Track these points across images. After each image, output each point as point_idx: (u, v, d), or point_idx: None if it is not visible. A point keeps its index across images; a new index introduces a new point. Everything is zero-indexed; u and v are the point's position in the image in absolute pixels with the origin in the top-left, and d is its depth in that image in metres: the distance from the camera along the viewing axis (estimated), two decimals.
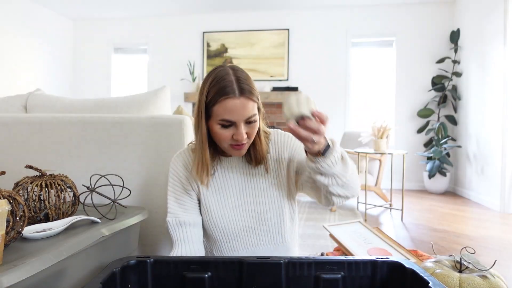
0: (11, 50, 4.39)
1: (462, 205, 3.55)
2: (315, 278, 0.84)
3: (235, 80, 0.86)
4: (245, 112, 0.86)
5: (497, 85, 3.41)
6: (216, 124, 0.88)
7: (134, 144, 1.32)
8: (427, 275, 0.76)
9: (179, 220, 0.99)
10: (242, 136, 0.87)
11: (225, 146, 0.92)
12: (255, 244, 1.04)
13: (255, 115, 0.89)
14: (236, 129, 0.88)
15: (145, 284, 0.84)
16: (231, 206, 1.01)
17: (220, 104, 0.85)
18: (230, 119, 0.86)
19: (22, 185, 0.98)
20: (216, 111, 0.87)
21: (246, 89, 0.86)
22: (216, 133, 0.90)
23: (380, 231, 1.43)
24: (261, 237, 1.04)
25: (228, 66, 0.91)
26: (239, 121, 0.87)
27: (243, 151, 0.93)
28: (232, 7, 4.86)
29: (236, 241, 1.03)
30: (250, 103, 0.87)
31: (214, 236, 1.03)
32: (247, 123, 0.89)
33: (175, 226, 0.99)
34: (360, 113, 4.87)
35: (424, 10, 4.59)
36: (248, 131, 0.90)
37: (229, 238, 1.02)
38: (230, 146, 0.91)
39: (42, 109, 1.60)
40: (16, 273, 0.64)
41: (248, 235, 1.03)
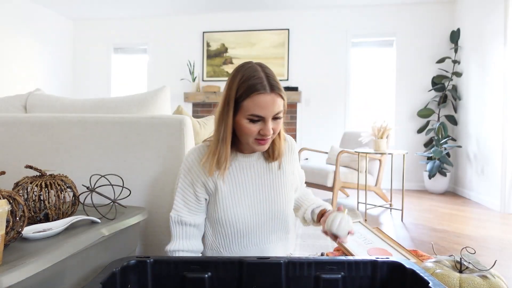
0: (11, 50, 4.39)
1: (462, 205, 3.55)
2: (315, 278, 0.84)
3: (265, 77, 0.91)
4: (274, 108, 0.90)
5: (497, 85, 3.41)
6: (244, 119, 0.91)
7: (134, 144, 1.32)
8: (427, 275, 0.76)
9: (182, 219, 1.00)
10: (269, 131, 0.91)
11: (250, 140, 0.94)
12: (265, 242, 1.05)
13: (282, 111, 0.93)
14: (264, 124, 0.91)
15: (145, 284, 0.84)
16: (247, 203, 1.02)
17: (251, 99, 0.89)
18: (260, 114, 0.89)
19: (22, 185, 0.98)
20: (246, 106, 0.90)
21: (276, 86, 0.91)
22: (243, 127, 0.92)
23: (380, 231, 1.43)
24: (271, 234, 1.06)
25: (255, 63, 0.97)
26: (267, 117, 0.90)
27: (267, 146, 0.96)
28: (232, 7, 4.86)
29: (246, 238, 1.03)
30: (279, 99, 0.91)
31: (225, 232, 1.03)
32: (274, 119, 0.93)
33: (176, 223, 1.01)
34: (360, 113, 4.87)
35: (424, 10, 4.59)
36: (274, 127, 0.93)
37: (240, 234, 1.02)
38: (255, 140, 0.94)
39: (42, 109, 1.60)
40: (16, 273, 0.64)
41: (260, 232, 1.04)
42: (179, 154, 1.30)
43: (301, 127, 4.85)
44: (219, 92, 4.84)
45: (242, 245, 1.03)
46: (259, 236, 1.04)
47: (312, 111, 4.84)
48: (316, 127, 4.84)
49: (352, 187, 3.29)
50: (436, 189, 4.24)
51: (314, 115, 4.84)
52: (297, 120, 4.84)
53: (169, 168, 1.31)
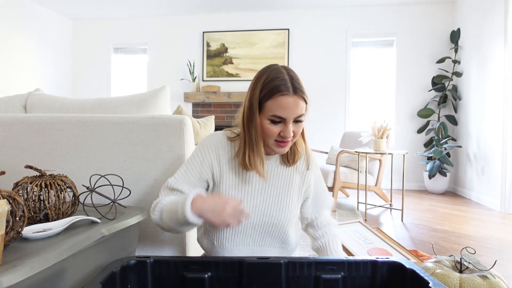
0: (10, 50, 4.39)
1: (462, 205, 3.55)
2: (315, 278, 0.84)
3: (289, 79, 0.91)
4: (297, 110, 0.91)
5: (498, 85, 3.41)
6: (266, 119, 0.92)
7: (134, 144, 1.32)
8: (427, 275, 0.76)
9: (176, 186, 0.99)
10: (289, 133, 0.91)
11: (270, 141, 0.95)
12: (257, 245, 1.04)
13: (303, 115, 0.94)
14: (284, 126, 0.92)
15: (145, 284, 0.84)
16: (249, 202, 1.01)
17: (274, 100, 0.90)
18: (281, 115, 0.90)
19: (21, 185, 0.98)
20: (269, 107, 0.91)
21: (299, 89, 0.91)
22: (264, 128, 0.93)
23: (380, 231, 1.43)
24: (265, 239, 1.04)
25: (280, 66, 0.96)
26: (289, 118, 0.91)
27: (286, 148, 0.96)
28: (232, 7, 4.85)
29: (238, 236, 1.02)
30: (302, 102, 0.92)
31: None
32: (295, 121, 0.93)
33: (168, 188, 0.99)
34: (360, 113, 4.87)
35: (424, 10, 4.59)
36: (294, 130, 0.93)
37: (233, 231, 1.02)
38: (275, 142, 0.94)
39: (41, 109, 1.60)
40: (16, 273, 0.64)
41: (253, 234, 1.03)
42: (179, 154, 1.30)
43: None
44: (219, 92, 4.84)
45: (233, 242, 1.02)
46: (251, 238, 1.03)
47: (312, 111, 4.83)
48: (316, 127, 4.83)
49: (352, 187, 3.29)
50: (436, 189, 4.24)
51: (314, 115, 4.84)
52: None
53: (169, 168, 1.31)
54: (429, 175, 4.15)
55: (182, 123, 1.30)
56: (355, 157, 3.37)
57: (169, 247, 1.34)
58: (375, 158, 3.36)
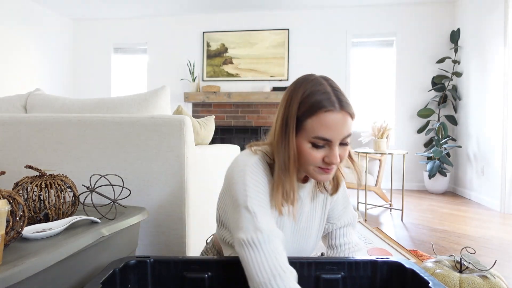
0: (11, 50, 4.39)
1: (462, 205, 3.55)
2: (315, 278, 0.84)
3: (332, 92, 0.77)
4: (344, 129, 0.76)
5: (498, 85, 3.41)
6: (306, 142, 0.77)
7: (134, 144, 1.32)
8: (427, 275, 0.76)
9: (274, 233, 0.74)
10: (336, 159, 0.76)
11: (311, 168, 0.79)
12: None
13: (350, 135, 0.80)
14: (330, 149, 0.77)
15: (145, 284, 0.84)
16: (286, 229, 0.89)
17: (318, 118, 0.74)
18: (327, 137, 0.75)
19: (22, 185, 0.98)
20: (311, 126, 0.75)
21: (346, 102, 0.77)
22: (305, 152, 0.77)
23: (380, 231, 1.43)
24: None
25: (319, 76, 0.81)
26: (335, 140, 0.76)
27: (331, 175, 0.80)
28: (232, 7, 4.85)
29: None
30: (350, 119, 0.78)
31: None
32: (341, 144, 0.78)
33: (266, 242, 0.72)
34: (360, 113, 4.87)
35: (424, 10, 4.59)
36: (340, 154, 0.78)
37: None
38: (318, 168, 0.79)
39: (41, 109, 1.60)
40: (16, 273, 0.64)
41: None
42: (179, 154, 1.30)
43: None
44: (219, 92, 4.84)
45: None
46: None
47: None
48: None
49: (352, 187, 3.29)
50: (436, 189, 4.24)
51: None
52: None
53: (169, 168, 1.31)
54: (429, 175, 4.15)
55: (182, 123, 1.30)
56: (355, 157, 3.37)
57: (169, 247, 1.34)
58: (375, 158, 3.36)
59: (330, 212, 1.00)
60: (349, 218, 1.00)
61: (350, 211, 1.02)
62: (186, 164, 1.30)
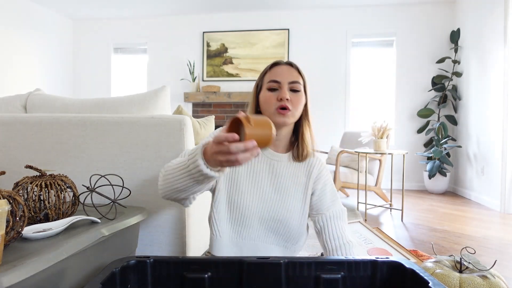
0: (11, 50, 4.39)
1: (462, 205, 3.55)
2: (315, 278, 0.84)
3: (287, 61, 1.05)
4: (290, 75, 1.00)
5: (498, 85, 3.41)
6: (265, 91, 1.01)
7: (134, 144, 1.32)
8: (427, 275, 0.76)
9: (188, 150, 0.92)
10: (285, 95, 0.97)
11: (272, 111, 0.99)
12: (261, 240, 1.03)
13: (299, 84, 1.01)
14: (280, 90, 0.99)
15: (145, 284, 0.84)
16: (257, 194, 1.02)
17: (271, 71, 1.03)
18: (277, 79, 1.00)
19: (22, 185, 0.98)
20: (267, 77, 1.02)
21: (294, 63, 1.04)
22: (264, 97, 1.00)
23: (380, 231, 1.43)
24: (269, 235, 1.04)
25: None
26: (283, 81, 0.99)
27: (287, 118, 0.99)
28: (232, 7, 4.85)
29: (245, 229, 1.02)
30: (295, 72, 1.02)
31: (229, 215, 1.03)
32: (291, 90, 1.00)
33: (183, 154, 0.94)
34: (360, 113, 4.87)
35: (424, 10, 4.59)
36: (292, 98, 0.99)
37: (240, 223, 1.02)
38: (276, 110, 0.98)
39: (41, 109, 1.60)
40: (16, 273, 0.64)
41: (260, 228, 1.03)
42: (179, 154, 1.30)
43: None
44: (219, 92, 4.84)
45: (239, 234, 1.02)
46: (257, 232, 1.03)
47: (312, 111, 4.76)
48: (316, 127, 4.78)
49: (352, 187, 3.29)
50: (436, 189, 4.24)
51: (314, 115, 4.77)
52: None
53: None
54: (429, 175, 4.15)
55: (182, 123, 1.30)
56: (355, 157, 3.37)
57: (169, 247, 1.34)
58: (375, 158, 3.36)
59: (319, 202, 1.07)
60: (338, 210, 1.07)
61: (339, 204, 1.08)
62: None
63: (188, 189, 0.83)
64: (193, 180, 0.79)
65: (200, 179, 0.78)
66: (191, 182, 0.80)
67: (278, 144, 1.06)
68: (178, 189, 0.84)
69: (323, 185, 1.07)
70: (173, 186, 0.84)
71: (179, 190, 0.85)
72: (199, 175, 0.76)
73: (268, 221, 1.03)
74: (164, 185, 0.87)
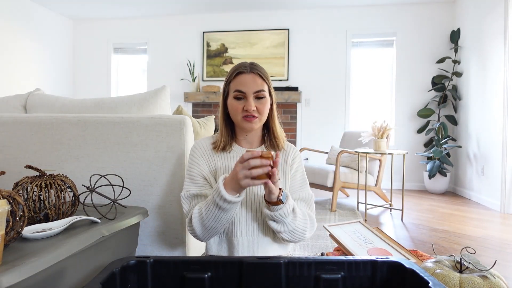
0: (11, 50, 4.39)
1: (462, 205, 3.55)
2: (315, 278, 0.84)
3: (249, 64, 1.06)
4: (254, 85, 1.02)
5: (498, 85, 3.41)
6: (232, 99, 1.04)
7: (134, 144, 1.32)
8: (427, 275, 0.76)
9: (190, 192, 1.04)
10: (251, 106, 1.01)
11: (239, 119, 1.04)
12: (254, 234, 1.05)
13: (264, 91, 1.04)
14: (246, 101, 1.03)
15: (145, 284, 0.84)
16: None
17: (235, 79, 1.04)
18: (241, 89, 1.02)
19: (22, 185, 0.98)
20: (232, 86, 1.05)
21: (256, 69, 1.05)
22: (231, 106, 1.04)
23: (380, 231, 1.43)
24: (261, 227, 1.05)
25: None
26: (248, 93, 1.02)
27: (254, 124, 1.04)
28: (232, 7, 4.86)
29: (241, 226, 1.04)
30: (259, 79, 1.04)
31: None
32: (257, 98, 1.04)
33: (186, 198, 1.04)
34: (360, 113, 4.87)
35: (424, 10, 4.59)
36: (258, 106, 1.03)
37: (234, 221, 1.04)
38: (243, 118, 1.03)
39: (41, 109, 1.60)
40: (16, 273, 0.64)
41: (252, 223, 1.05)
42: (179, 154, 1.30)
43: (301, 127, 4.85)
44: (219, 92, 4.84)
45: (231, 232, 1.04)
46: (250, 227, 1.04)
47: (312, 111, 4.84)
48: (316, 127, 4.84)
49: (352, 187, 3.29)
50: (436, 189, 4.24)
51: (314, 115, 4.84)
52: (297, 120, 4.84)
53: (169, 168, 1.31)
54: (429, 175, 4.15)
55: (182, 123, 1.30)
56: (355, 157, 3.37)
57: (169, 247, 1.34)
58: (375, 158, 3.36)
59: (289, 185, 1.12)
60: (306, 195, 1.10)
61: (307, 190, 1.12)
62: (186, 164, 1.31)
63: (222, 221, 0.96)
64: (221, 210, 0.93)
65: (226, 208, 0.92)
66: (221, 214, 0.93)
67: (251, 140, 1.12)
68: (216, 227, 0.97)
69: (295, 170, 1.12)
70: (212, 225, 0.96)
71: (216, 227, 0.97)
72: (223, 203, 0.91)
73: (257, 213, 1.05)
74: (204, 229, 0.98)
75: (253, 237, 1.05)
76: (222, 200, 0.90)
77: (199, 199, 1.04)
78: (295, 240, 1.02)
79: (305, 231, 1.02)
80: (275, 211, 0.94)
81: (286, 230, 0.98)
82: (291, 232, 0.99)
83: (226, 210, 0.92)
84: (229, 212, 0.94)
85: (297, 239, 1.02)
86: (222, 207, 0.92)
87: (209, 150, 1.10)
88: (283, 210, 0.94)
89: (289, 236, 1.00)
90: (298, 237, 1.01)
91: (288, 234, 0.99)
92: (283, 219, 0.95)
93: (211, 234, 0.99)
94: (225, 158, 1.09)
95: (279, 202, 0.93)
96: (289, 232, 0.99)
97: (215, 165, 1.08)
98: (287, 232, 0.99)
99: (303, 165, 1.16)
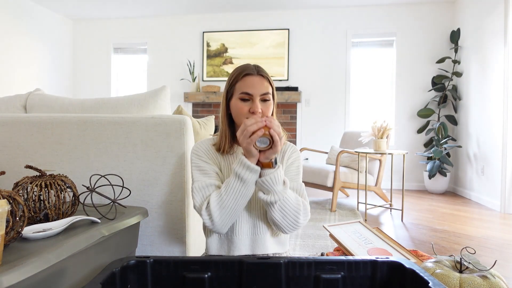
0: (10, 50, 4.39)
1: (462, 205, 3.55)
2: (315, 278, 0.84)
3: (254, 66, 1.07)
4: (261, 87, 1.03)
5: (498, 85, 3.41)
6: (237, 100, 1.04)
7: (134, 144, 1.32)
8: (427, 275, 0.76)
9: (201, 184, 1.02)
10: (257, 108, 1.02)
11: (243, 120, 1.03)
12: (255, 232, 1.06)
13: (269, 94, 1.05)
14: (252, 102, 1.03)
15: (145, 284, 0.84)
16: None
17: (242, 81, 1.04)
18: (248, 91, 1.02)
19: (22, 185, 0.98)
20: (238, 87, 1.04)
21: (262, 71, 1.06)
22: (236, 107, 1.04)
23: (380, 231, 1.43)
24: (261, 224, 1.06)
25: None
26: (255, 95, 1.03)
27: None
28: (232, 7, 4.85)
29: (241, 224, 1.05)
30: (266, 82, 1.05)
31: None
32: (262, 100, 1.04)
33: (198, 189, 1.02)
34: (360, 113, 4.87)
35: (424, 10, 4.59)
36: (263, 109, 1.04)
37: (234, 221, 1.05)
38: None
39: (41, 109, 1.60)
40: (16, 273, 0.64)
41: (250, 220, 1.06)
42: (179, 154, 1.30)
43: (301, 127, 4.85)
44: (219, 92, 4.84)
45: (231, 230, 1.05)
46: (249, 224, 1.05)
47: (312, 111, 4.84)
48: (316, 127, 4.84)
49: (352, 187, 3.29)
50: (436, 189, 4.24)
51: (314, 115, 4.84)
52: (297, 120, 4.85)
53: (169, 168, 1.31)
54: (429, 175, 4.15)
55: (182, 123, 1.30)
56: (355, 157, 3.37)
57: (169, 247, 1.34)
58: (375, 158, 3.36)
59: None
60: (297, 186, 1.10)
61: (300, 183, 1.12)
62: (186, 164, 1.31)
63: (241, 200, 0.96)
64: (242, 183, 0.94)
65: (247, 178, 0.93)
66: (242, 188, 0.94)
67: None
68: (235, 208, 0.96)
69: (290, 163, 1.13)
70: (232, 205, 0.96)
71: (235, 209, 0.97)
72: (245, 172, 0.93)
73: (256, 211, 1.05)
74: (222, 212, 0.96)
75: (253, 235, 1.06)
76: (245, 168, 0.92)
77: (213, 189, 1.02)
78: (289, 224, 0.98)
79: (297, 215, 0.99)
80: (266, 176, 0.93)
81: (276, 201, 0.95)
82: (283, 210, 0.96)
83: (247, 182, 0.93)
84: (249, 186, 0.94)
85: (290, 223, 0.98)
86: (243, 178, 0.93)
87: (211, 151, 1.10)
88: (274, 175, 0.93)
89: (281, 216, 0.97)
90: (291, 220, 0.98)
91: (279, 213, 0.96)
92: (273, 186, 0.93)
93: (230, 218, 0.97)
94: (228, 159, 1.10)
95: (271, 165, 0.94)
96: (280, 210, 0.96)
97: (219, 165, 1.09)
98: (278, 210, 0.96)
99: (301, 161, 1.16)
